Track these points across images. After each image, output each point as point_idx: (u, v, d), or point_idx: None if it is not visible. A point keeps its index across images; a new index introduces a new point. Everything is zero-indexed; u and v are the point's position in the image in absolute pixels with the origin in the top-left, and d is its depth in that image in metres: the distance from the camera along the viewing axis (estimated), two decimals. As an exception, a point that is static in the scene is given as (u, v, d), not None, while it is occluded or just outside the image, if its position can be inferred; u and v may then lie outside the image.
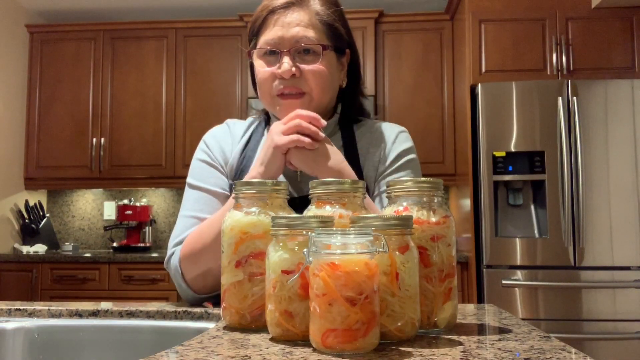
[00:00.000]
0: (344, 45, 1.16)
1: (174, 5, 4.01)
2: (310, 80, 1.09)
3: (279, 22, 1.10)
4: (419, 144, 3.57)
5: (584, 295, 2.85)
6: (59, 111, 3.90)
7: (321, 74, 1.10)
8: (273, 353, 0.65)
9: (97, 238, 4.15)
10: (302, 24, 1.09)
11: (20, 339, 0.97)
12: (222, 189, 1.16)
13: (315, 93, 1.10)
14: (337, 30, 1.14)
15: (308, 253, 0.66)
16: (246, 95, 3.77)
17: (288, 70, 1.07)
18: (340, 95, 1.21)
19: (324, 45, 1.10)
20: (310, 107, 1.10)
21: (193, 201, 1.16)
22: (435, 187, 0.79)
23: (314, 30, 1.10)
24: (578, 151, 2.90)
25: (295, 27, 1.09)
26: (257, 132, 1.24)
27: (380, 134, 1.21)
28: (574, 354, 0.63)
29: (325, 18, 1.12)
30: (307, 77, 1.09)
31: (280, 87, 1.10)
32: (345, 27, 1.17)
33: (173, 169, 3.79)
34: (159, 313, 0.99)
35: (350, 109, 1.23)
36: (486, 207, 2.97)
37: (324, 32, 1.11)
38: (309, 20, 1.10)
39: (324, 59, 1.10)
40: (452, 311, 0.78)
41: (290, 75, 1.08)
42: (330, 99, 1.16)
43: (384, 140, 1.20)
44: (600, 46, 3.13)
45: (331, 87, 1.14)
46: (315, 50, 1.09)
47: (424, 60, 3.71)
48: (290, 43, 1.09)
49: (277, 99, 1.12)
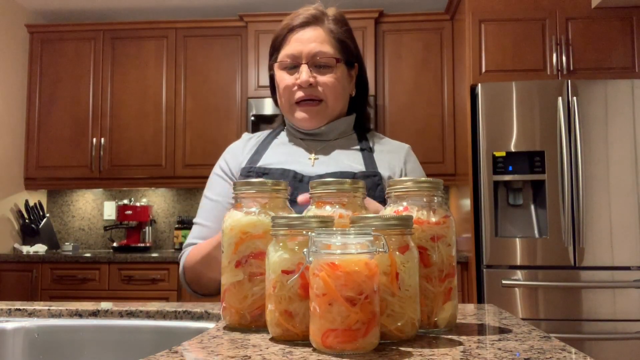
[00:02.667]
0: (353, 60, 1.32)
1: (174, 5, 4.01)
2: (325, 89, 1.25)
3: (297, 39, 1.26)
4: (419, 144, 3.61)
5: (584, 295, 2.85)
6: (59, 111, 3.90)
7: (334, 84, 1.26)
8: (273, 353, 0.65)
9: (97, 238, 4.15)
10: (318, 40, 1.25)
11: (20, 339, 0.97)
12: (225, 197, 1.29)
13: (330, 100, 1.26)
14: (348, 47, 1.30)
15: (308, 253, 0.66)
16: (246, 95, 3.77)
17: (306, 80, 1.23)
18: (350, 104, 1.36)
19: (337, 59, 1.26)
20: (326, 113, 1.27)
21: (201, 209, 1.32)
22: (435, 187, 0.79)
23: (328, 45, 1.26)
24: (578, 151, 2.90)
25: (312, 42, 1.25)
26: (270, 135, 1.38)
27: (392, 147, 1.36)
28: (574, 354, 0.63)
29: (338, 35, 1.28)
30: (323, 86, 1.25)
31: (299, 94, 1.25)
32: (354, 44, 1.33)
33: (173, 169, 3.78)
34: (159, 313, 0.99)
35: (362, 117, 1.39)
36: (486, 207, 2.97)
37: (337, 47, 1.27)
38: (324, 37, 1.26)
39: (337, 70, 1.26)
40: (452, 311, 0.78)
41: (308, 84, 1.23)
42: (342, 106, 1.31)
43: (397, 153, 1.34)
44: (600, 46, 3.13)
45: (343, 96, 1.30)
46: (330, 63, 1.26)
47: (424, 60, 3.71)
48: (308, 57, 1.25)
49: (295, 106, 1.27)
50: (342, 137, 1.33)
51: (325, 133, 1.31)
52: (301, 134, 1.32)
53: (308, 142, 1.32)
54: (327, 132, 1.31)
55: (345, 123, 1.33)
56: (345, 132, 1.34)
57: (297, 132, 1.33)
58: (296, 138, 1.33)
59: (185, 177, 3.75)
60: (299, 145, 1.32)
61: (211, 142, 3.75)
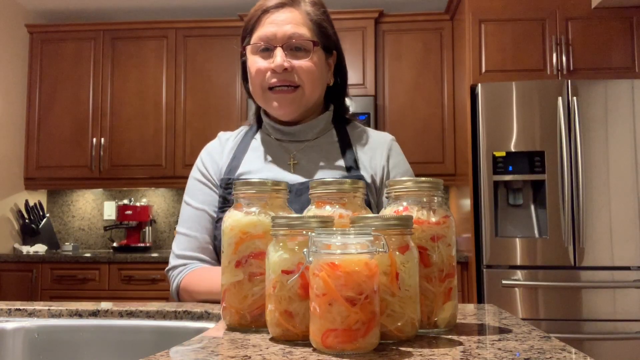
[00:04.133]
0: (331, 46, 1.24)
1: (174, 5, 4.01)
2: (302, 75, 1.16)
3: (272, 20, 1.17)
4: (419, 144, 3.61)
5: (584, 295, 2.85)
6: (59, 111, 3.90)
7: (311, 69, 1.16)
8: (273, 353, 0.65)
9: (97, 238, 4.15)
10: (294, 22, 1.16)
11: (20, 339, 0.97)
12: (210, 205, 1.22)
13: (307, 87, 1.17)
14: (326, 30, 1.22)
15: (308, 253, 0.66)
16: (246, 95, 3.76)
17: (280, 65, 1.14)
18: (328, 95, 1.28)
19: (314, 42, 1.17)
20: (302, 100, 1.18)
21: (185, 218, 1.24)
22: (435, 187, 0.79)
23: (305, 28, 1.17)
24: (578, 151, 2.90)
25: (287, 24, 1.16)
26: (247, 136, 1.30)
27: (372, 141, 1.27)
28: (574, 354, 0.63)
29: (315, 18, 1.20)
30: (298, 71, 1.16)
31: (273, 80, 1.16)
32: (332, 29, 1.24)
33: (173, 169, 3.79)
34: (159, 313, 0.99)
35: (340, 108, 1.31)
36: (486, 207, 2.97)
37: (314, 30, 1.19)
38: (300, 19, 1.18)
39: (314, 55, 1.17)
40: (452, 311, 0.78)
41: (282, 69, 1.14)
42: (319, 95, 1.22)
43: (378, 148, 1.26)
44: (600, 46, 3.13)
45: (320, 83, 1.21)
46: (306, 46, 1.17)
47: (424, 60, 3.71)
48: (283, 39, 1.15)
49: (268, 92, 1.18)
50: (321, 135, 1.26)
51: (303, 132, 1.24)
52: (279, 133, 1.25)
53: (286, 143, 1.24)
54: (306, 131, 1.24)
55: (323, 121, 1.25)
56: (324, 129, 1.26)
57: (274, 132, 1.25)
58: (273, 139, 1.25)
59: (186, 177, 3.68)
60: (276, 147, 1.24)
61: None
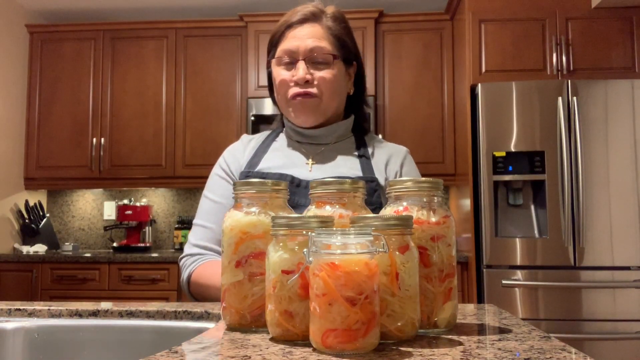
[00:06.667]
0: (351, 57, 1.31)
1: (174, 5, 4.01)
2: (322, 85, 1.24)
3: (295, 35, 1.25)
4: (419, 143, 3.61)
5: (584, 295, 2.85)
6: (59, 111, 3.90)
7: (331, 80, 1.24)
8: (273, 353, 0.65)
9: (97, 238, 4.15)
10: (315, 37, 1.25)
11: (20, 339, 0.97)
12: (229, 199, 1.26)
13: (325, 96, 1.25)
14: (346, 44, 1.29)
15: (308, 253, 0.66)
16: (246, 95, 3.77)
17: (303, 77, 1.22)
18: (348, 104, 1.34)
19: (334, 55, 1.25)
20: (320, 108, 1.25)
21: (203, 210, 1.30)
22: (435, 187, 0.79)
23: (325, 42, 1.25)
24: (578, 151, 2.90)
25: (309, 39, 1.24)
26: (269, 138, 1.37)
27: (389, 150, 1.35)
28: (574, 354, 0.63)
29: (335, 32, 1.27)
30: (319, 82, 1.24)
31: (295, 91, 1.24)
32: (352, 42, 1.31)
33: (173, 169, 3.78)
34: (159, 313, 0.99)
35: (360, 118, 1.38)
36: (486, 207, 2.97)
37: (334, 44, 1.27)
38: (321, 33, 1.26)
39: (334, 67, 1.25)
40: (452, 311, 0.78)
41: (304, 81, 1.23)
42: (338, 103, 1.29)
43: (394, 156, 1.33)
44: (600, 46, 3.13)
45: (339, 93, 1.28)
46: (327, 59, 1.24)
47: (424, 60, 3.71)
48: (305, 53, 1.24)
49: (291, 101, 1.26)
50: (340, 140, 1.33)
51: (324, 136, 1.30)
52: (299, 136, 1.31)
53: (306, 146, 1.31)
54: (326, 135, 1.30)
55: (343, 126, 1.32)
56: (343, 135, 1.33)
57: (295, 135, 1.32)
58: (294, 142, 1.32)
59: (185, 177, 3.75)
60: (297, 149, 1.31)
61: (211, 142, 3.75)
